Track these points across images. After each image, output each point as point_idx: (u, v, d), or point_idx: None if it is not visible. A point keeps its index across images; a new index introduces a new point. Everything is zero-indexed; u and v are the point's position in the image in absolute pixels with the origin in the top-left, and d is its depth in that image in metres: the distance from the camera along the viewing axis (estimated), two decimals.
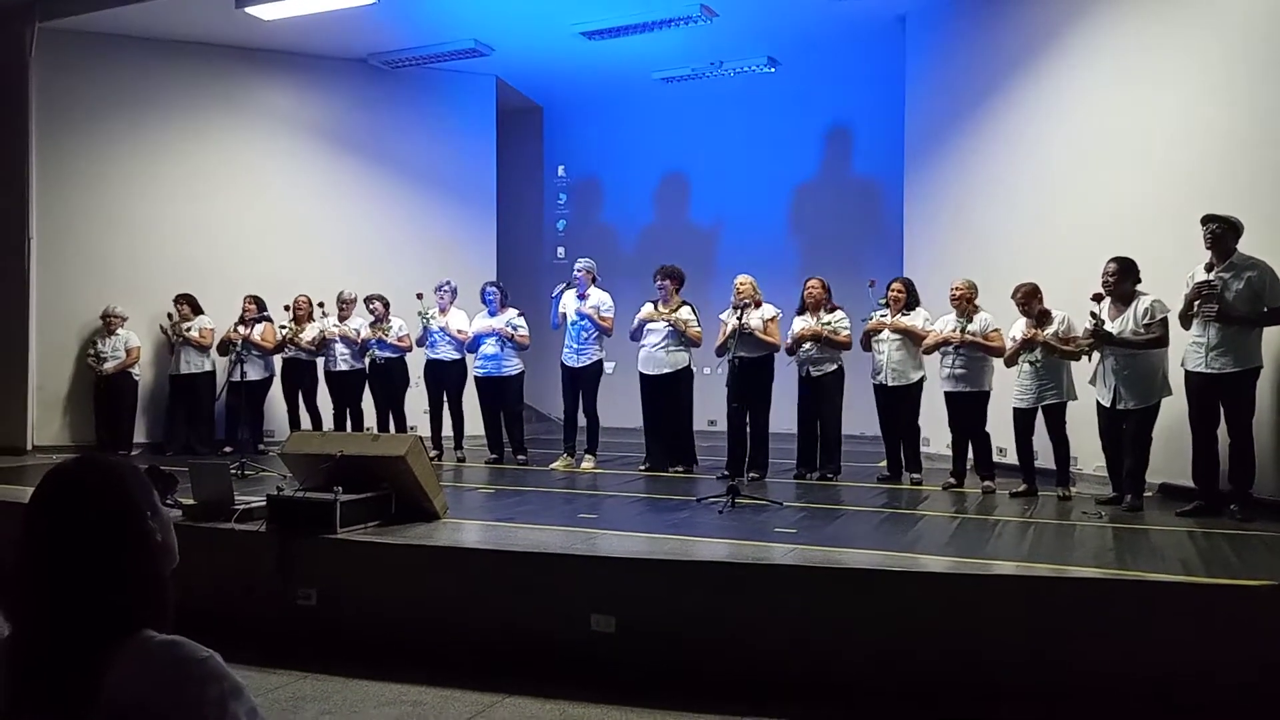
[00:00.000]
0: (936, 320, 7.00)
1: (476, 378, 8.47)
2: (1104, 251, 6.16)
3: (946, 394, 6.88)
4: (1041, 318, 6.38)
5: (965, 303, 6.77)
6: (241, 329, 8.68)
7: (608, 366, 8.34)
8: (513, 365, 8.36)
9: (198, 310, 9.14)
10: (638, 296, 8.22)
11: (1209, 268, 5.59)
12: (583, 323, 7.98)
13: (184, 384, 9.10)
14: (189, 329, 9.04)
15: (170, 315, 9.08)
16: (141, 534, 1.42)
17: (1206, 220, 5.58)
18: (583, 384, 8.10)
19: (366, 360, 8.69)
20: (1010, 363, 6.54)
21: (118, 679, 1.31)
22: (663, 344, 7.70)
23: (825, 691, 4.04)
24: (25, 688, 1.34)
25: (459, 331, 8.55)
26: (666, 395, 7.76)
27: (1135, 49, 6.86)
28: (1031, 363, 6.36)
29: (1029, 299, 6.44)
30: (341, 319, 8.82)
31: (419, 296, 8.50)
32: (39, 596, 1.37)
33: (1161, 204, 6.51)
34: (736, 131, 11.26)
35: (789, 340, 7.37)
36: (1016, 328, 6.51)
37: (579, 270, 8.13)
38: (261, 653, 4.42)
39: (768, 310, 7.34)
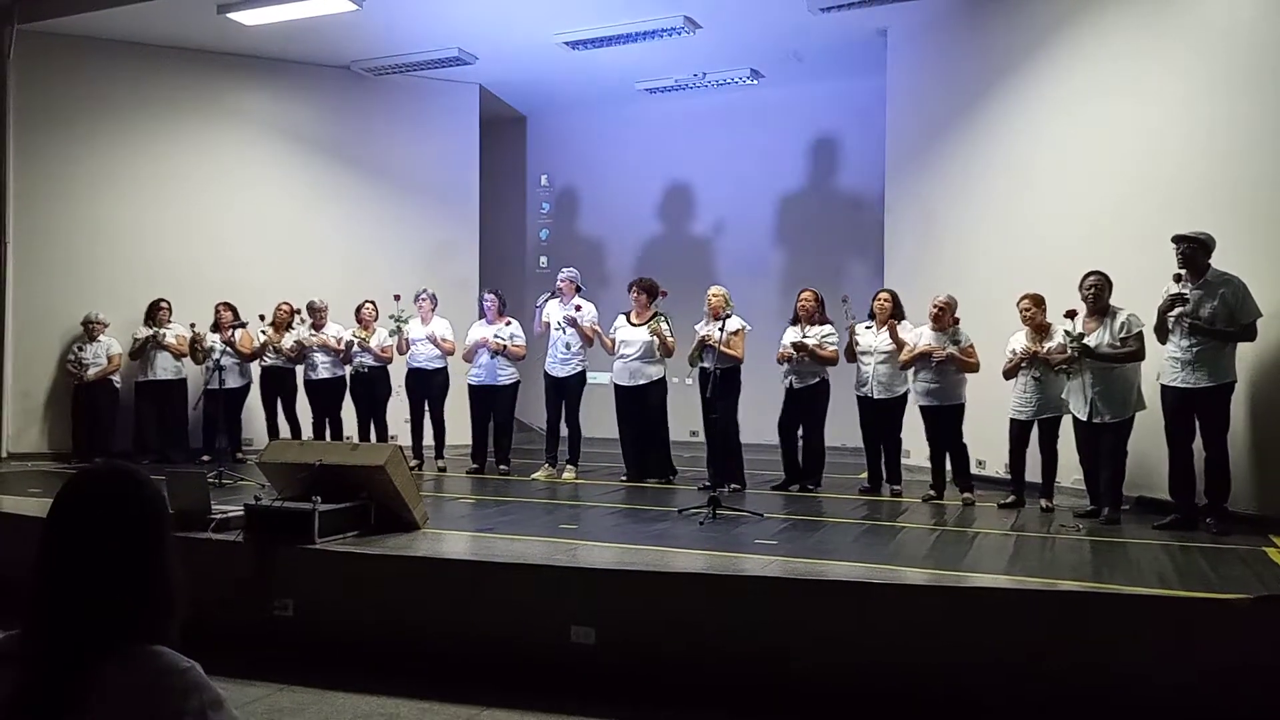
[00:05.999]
0: (911, 334, 7.01)
1: (470, 386, 8.44)
2: (1080, 265, 6.21)
3: (921, 408, 6.91)
4: (1042, 330, 6.39)
5: (947, 317, 6.80)
6: (218, 334, 8.60)
7: (595, 377, 8.34)
8: (507, 375, 8.35)
9: (170, 316, 9.02)
10: (621, 306, 8.21)
11: (1178, 278, 5.65)
12: (567, 333, 7.96)
13: (155, 390, 8.91)
14: (164, 335, 8.94)
15: (152, 318, 8.96)
16: (169, 543, 1.42)
17: (1177, 241, 5.63)
18: (567, 394, 8.09)
19: (350, 369, 8.62)
20: (1010, 375, 6.50)
21: (101, 688, 1.30)
22: (638, 356, 7.71)
23: (805, 702, 4.04)
24: (20, 690, 1.32)
25: (443, 339, 8.52)
26: (641, 407, 7.76)
27: (1114, 63, 6.92)
28: (1036, 377, 6.33)
29: (1035, 307, 6.39)
30: (316, 327, 8.74)
31: (396, 298, 8.44)
32: (58, 599, 1.34)
33: (1137, 217, 6.56)
34: (719, 143, 11.28)
35: (780, 350, 7.38)
36: (1017, 340, 6.47)
37: (562, 279, 8.14)
38: (238, 664, 4.37)
39: (734, 323, 7.35)
